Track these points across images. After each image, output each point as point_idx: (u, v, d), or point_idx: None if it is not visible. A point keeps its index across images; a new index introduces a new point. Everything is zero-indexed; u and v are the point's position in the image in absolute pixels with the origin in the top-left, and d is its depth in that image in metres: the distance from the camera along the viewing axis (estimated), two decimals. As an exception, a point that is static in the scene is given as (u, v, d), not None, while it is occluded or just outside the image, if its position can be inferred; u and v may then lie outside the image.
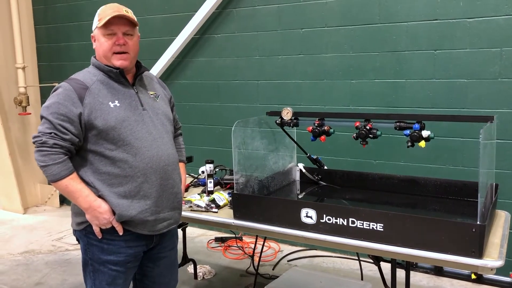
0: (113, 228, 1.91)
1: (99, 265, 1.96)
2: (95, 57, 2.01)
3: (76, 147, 1.89)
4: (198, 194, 2.78)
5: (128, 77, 2.00)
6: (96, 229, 1.91)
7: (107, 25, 1.91)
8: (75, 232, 2.04)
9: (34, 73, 5.59)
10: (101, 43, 1.94)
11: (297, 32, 3.93)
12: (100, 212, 1.87)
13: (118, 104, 1.91)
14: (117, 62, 1.94)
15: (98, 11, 1.98)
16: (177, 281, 2.25)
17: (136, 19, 1.98)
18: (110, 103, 1.90)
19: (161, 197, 1.97)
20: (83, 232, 1.97)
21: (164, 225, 2.02)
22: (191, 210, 2.53)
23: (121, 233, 1.92)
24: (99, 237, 1.93)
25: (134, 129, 1.91)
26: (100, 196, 1.89)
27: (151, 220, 1.95)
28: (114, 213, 1.89)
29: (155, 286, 2.15)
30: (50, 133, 1.82)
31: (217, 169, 3.04)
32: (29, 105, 5.30)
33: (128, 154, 1.89)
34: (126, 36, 1.95)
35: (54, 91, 1.91)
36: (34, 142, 1.84)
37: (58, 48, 5.43)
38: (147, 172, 1.92)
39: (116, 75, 1.95)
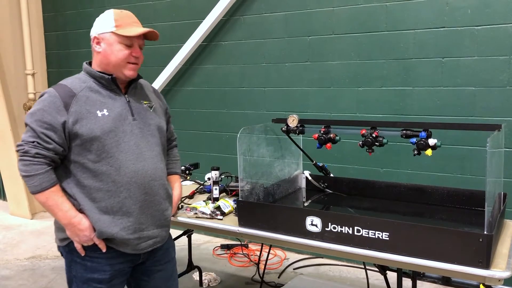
0: (96, 244, 1.83)
1: (82, 283, 1.87)
2: (87, 63, 1.95)
3: (61, 157, 1.80)
4: (204, 201, 2.77)
5: (121, 85, 1.93)
6: (77, 246, 1.83)
7: (130, 36, 1.86)
8: (59, 248, 1.96)
9: (43, 79, 5.65)
10: (114, 50, 1.86)
11: (304, 39, 3.93)
12: (80, 229, 1.78)
13: (106, 113, 1.82)
14: (129, 72, 1.89)
15: (113, 15, 1.89)
16: None
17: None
18: (98, 111, 1.81)
19: (145, 214, 1.88)
20: (66, 248, 1.89)
21: (149, 244, 1.92)
22: (196, 217, 2.53)
23: (104, 250, 1.84)
24: (82, 254, 1.85)
25: (120, 141, 1.82)
26: (81, 211, 1.81)
27: (133, 238, 1.86)
28: (95, 229, 1.81)
29: None
30: (33, 142, 1.74)
31: (223, 176, 3.04)
32: (38, 111, 5.35)
33: (112, 167, 1.80)
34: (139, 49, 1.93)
35: (40, 97, 1.83)
36: (17, 151, 1.76)
37: (67, 55, 5.48)
38: (131, 187, 1.83)
39: (107, 82, 1.88)
